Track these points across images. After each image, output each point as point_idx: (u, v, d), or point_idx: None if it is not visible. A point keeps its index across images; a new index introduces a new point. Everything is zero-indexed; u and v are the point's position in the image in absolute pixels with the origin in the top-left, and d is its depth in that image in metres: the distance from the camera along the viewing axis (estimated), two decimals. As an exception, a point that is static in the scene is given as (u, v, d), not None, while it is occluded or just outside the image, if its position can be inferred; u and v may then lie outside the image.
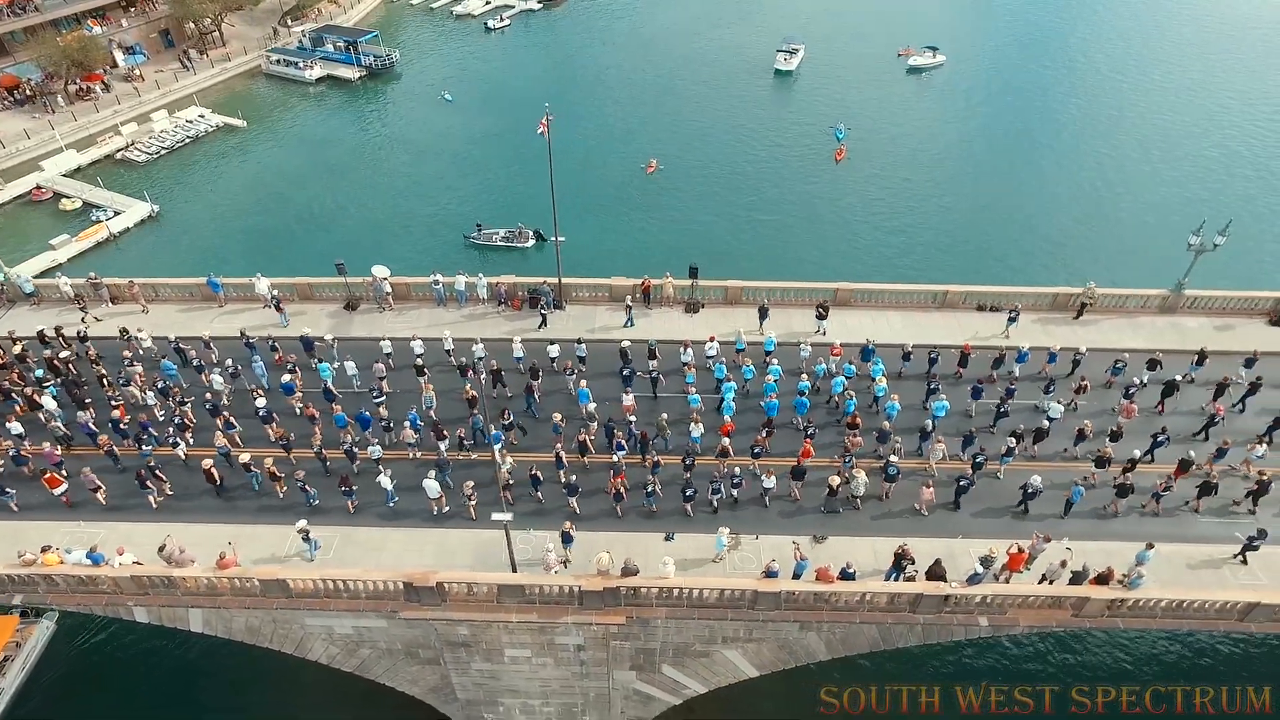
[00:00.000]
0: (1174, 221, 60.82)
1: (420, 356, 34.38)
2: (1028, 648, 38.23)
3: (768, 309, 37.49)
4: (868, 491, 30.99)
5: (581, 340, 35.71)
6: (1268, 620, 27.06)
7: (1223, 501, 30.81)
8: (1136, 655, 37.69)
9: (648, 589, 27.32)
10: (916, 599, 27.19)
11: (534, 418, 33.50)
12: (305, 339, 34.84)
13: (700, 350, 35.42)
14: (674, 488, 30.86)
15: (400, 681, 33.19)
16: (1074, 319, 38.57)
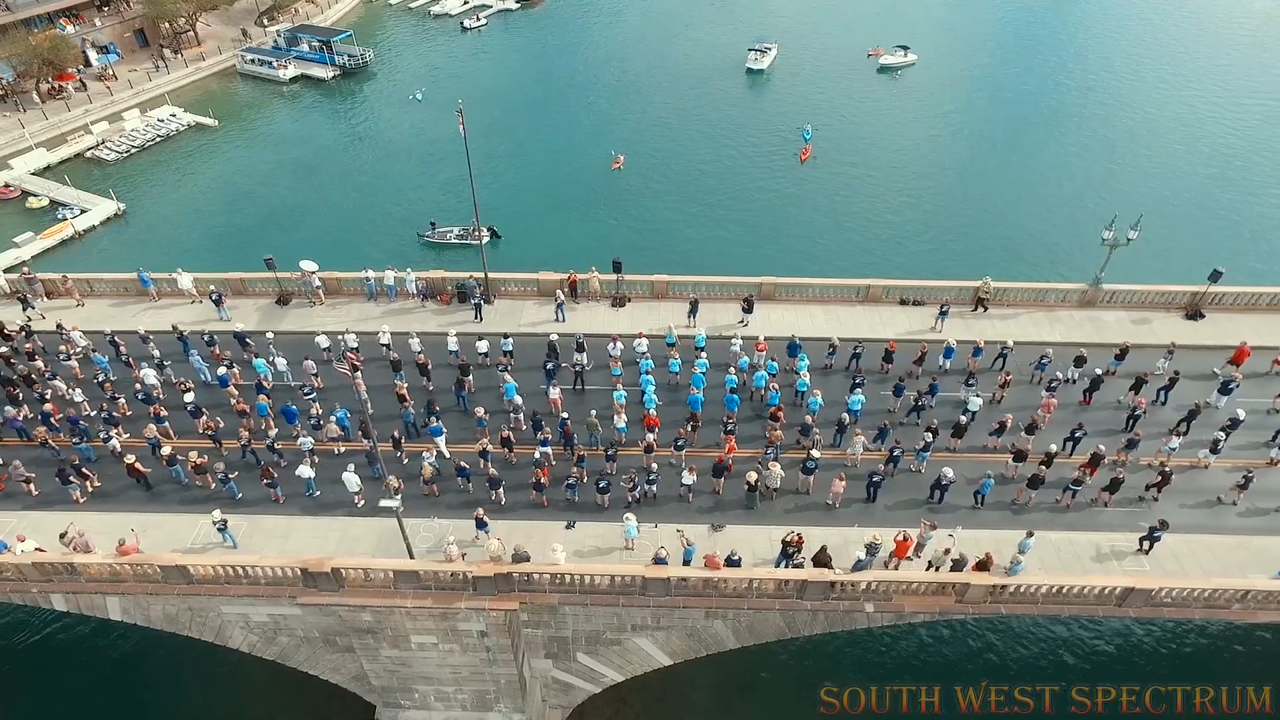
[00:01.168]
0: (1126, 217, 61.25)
1: (353, 351, 34.92)
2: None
3: (698, 303, 37.95)
4: (786, 485, 31.38)
5: (508, 335, 36.23)
6: (1144, 605, 27.58)
7: (1130, 493, 31.21)
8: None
9: (540, 575, 27.79)
10: (802, 585, 27.73)
11: (463, 411, 33.85)
12: (239, 335, 35.43)
13: (630, 345, 35.87)
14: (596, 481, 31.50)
15: (323, 670, 33.75)
16: (971, 313, 38.94)
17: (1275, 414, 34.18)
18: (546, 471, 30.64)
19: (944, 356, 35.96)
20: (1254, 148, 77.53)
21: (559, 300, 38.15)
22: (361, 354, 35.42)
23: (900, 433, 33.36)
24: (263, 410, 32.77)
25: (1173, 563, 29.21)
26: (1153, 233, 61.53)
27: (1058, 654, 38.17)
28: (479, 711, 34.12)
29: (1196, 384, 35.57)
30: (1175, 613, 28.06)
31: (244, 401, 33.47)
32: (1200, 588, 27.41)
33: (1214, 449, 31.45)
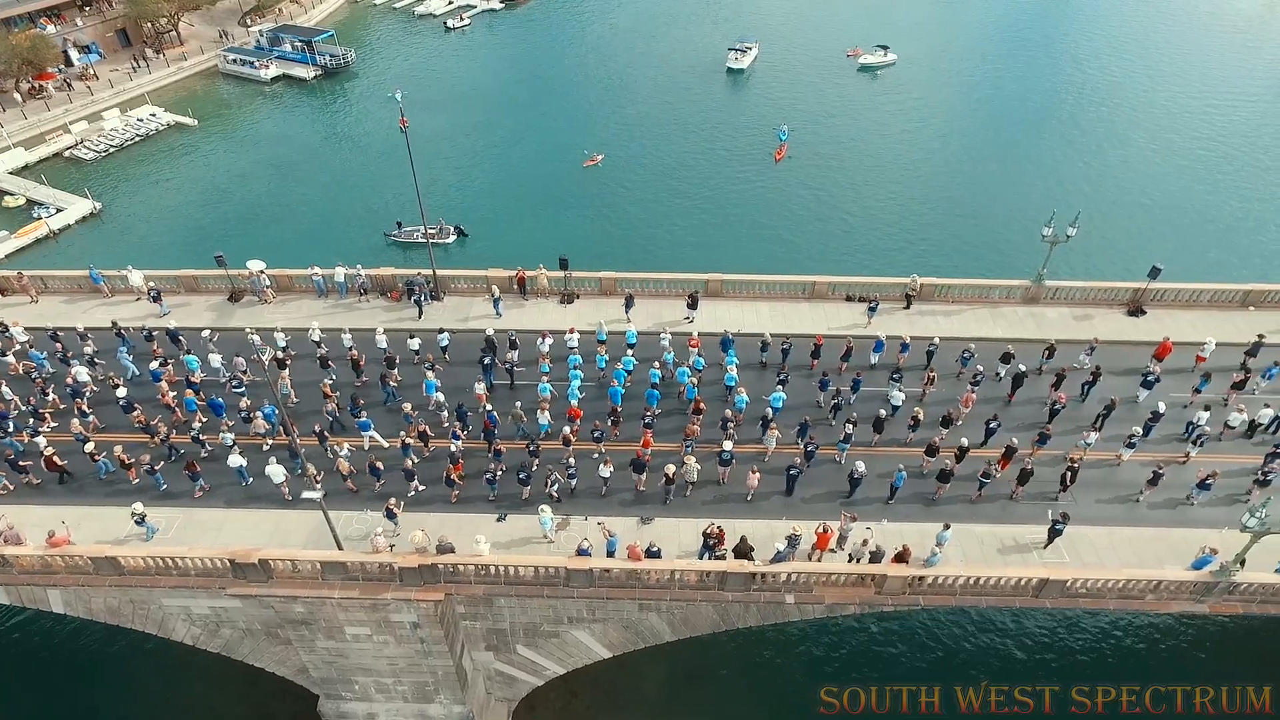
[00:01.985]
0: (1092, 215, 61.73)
1: (284, 348, 35.36)
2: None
3: (633, 299, 38.38)
4: (703, 477, 31.75)
5: (443, 330, 36.65)
6: (1060, 596, 27.96)
7: (1047, 487, 31.57)
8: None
9: (464, 566, 28.22)
10: (723, 577, 28.11)
11: (388, 407, 34.30)
12: (172, 331, 35.89)
13: (560, 340, 36.28)
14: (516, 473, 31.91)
15: (267, 662, 34.20)
16: (904, 309, 39.31)
17: (1190, 408, 34.34)
18: (460, 466, 30.98)
19: (874, 352, 36.20)
20: (1225, 148, 78.00)
21: (495, 296, 38.44)
22: (293, 350, 35.84)
23: (822, 428, 33.70)
24: (190, 405, 33.20)
25: (1092, 555, 29.62)
26: (1115, 229, 62.52)
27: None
28: (419, 703, 34.52)
29: (1128, 379, 35.78)
30: (1090, 603, 28.42)
31: (173, 397, 33.81)
32: (1114, 579, 27.80)
33: (1129, 444, 31.72)
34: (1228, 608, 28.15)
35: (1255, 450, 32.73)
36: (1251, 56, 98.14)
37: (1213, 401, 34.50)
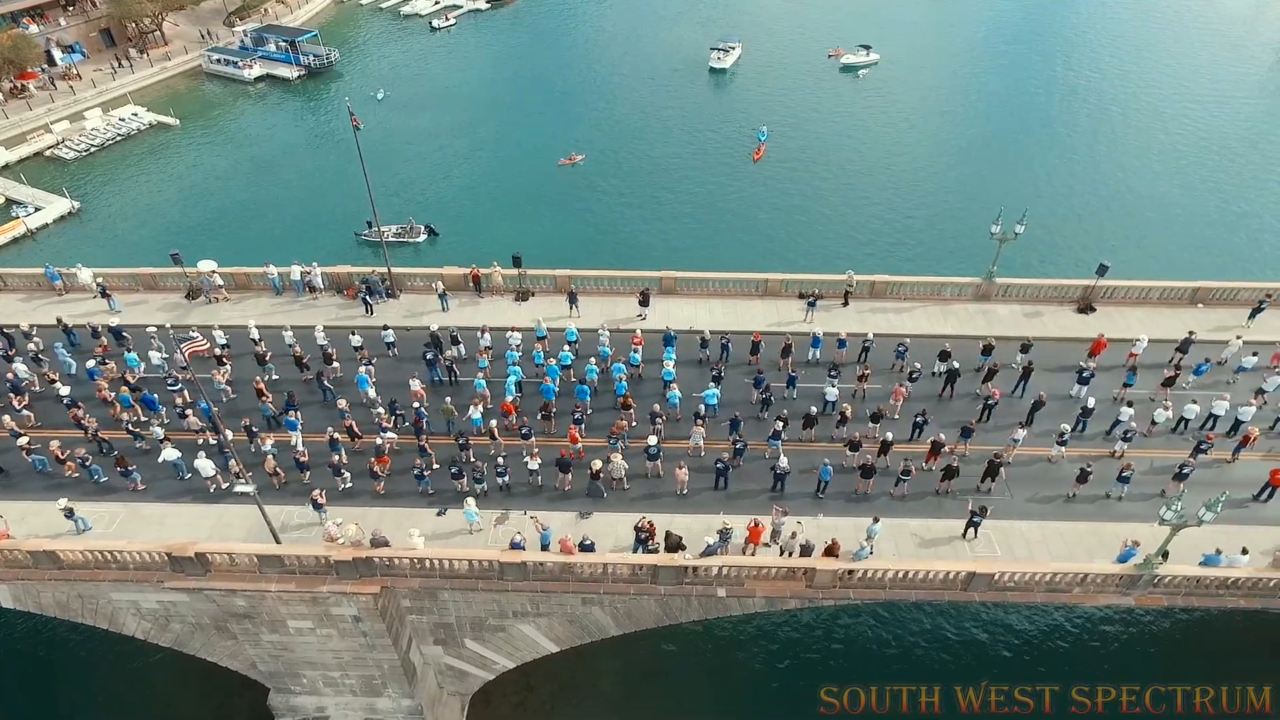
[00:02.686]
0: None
1: (225, 346, 35.97)
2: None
3: (576, 296, 38.66)
4: (638, 472, 32.03)
5: (388, 327, 36.94)
6: (989, 589, 28.22)
7: (974, 482, 31.85)
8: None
9: (399, 559, 28.53)
10: (655, 571, 28.41)
11: (324, 404, 34.65)
12: (115, 329, 36.25)
13: (502, 336, 36.65)
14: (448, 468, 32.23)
15: (220, 656, 34.48)
16: (842, 306, 39.56)
17: (1116, 403, 34.65)
18: (386, 460, 31.38)
19: (812, 347, 36.45)
20: (1193, 148, 78.43)
21: (440, 291, 38.74)
22: (233, 349, 36.40)
23: (754, 423, 33.95)
24: (126, 401, 33.54)
25: (1023, 549, 29.88)
26: (1088, 226, 62.78)
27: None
28: (368, 696, 34.84)
29: (1068, 376, 36.01)
30: (1019, 597, 28.70)
31: (110, 394, 34.24)
32: (1041, 572, 28.04)
33: (1060, 440, 31.94)
34: (1153, 600, 28.40)
35: (1185, 445, 32.88)
36: (1227, 55, 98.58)
37: (1144, 398, 34.75)
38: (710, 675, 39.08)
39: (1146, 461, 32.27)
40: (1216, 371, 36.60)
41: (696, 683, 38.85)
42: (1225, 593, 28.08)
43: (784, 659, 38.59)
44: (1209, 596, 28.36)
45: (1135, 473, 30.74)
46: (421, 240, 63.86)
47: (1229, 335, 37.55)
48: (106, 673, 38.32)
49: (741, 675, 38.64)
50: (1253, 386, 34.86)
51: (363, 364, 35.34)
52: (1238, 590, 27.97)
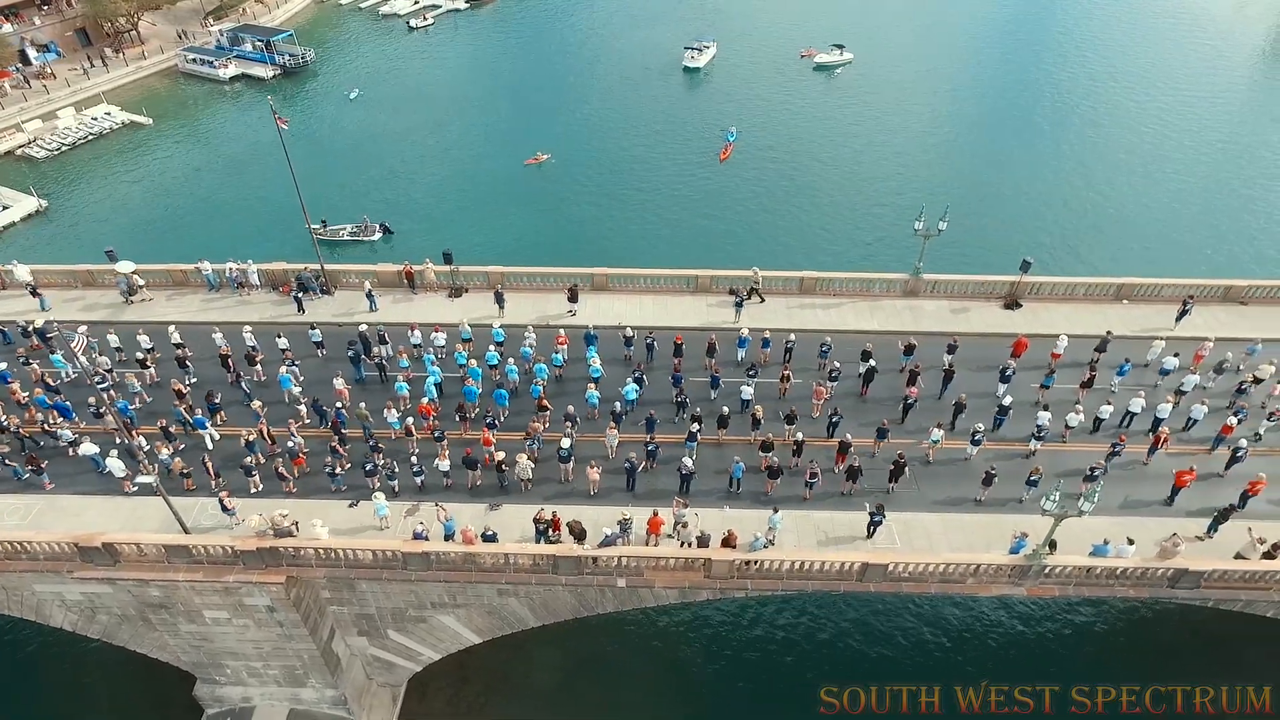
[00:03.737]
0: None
1: (150, 350, 36.37)
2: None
3: (503, 294, 39.06)
4: (548, 474, 32.56)
5: (315, 326, 37.39)
6: (883, 580, 28.64)
7: (878, 481, 32.25)
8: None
9: (304, 549, 28.99)
10: (555, 561, 28.86)
11: (244, 404, 35.04)
12: (40, 329, 36.67)
13: (426, 337, 37.15)
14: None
15: (149, 648, 34.89)
16: (760, 302, 39.89)
17: (1038, 405, 35.00)
18: (301, 460, 31.77)
19: (739, 347, 36.67)
20: (1159, 146, 79.12)
21: (368, 290, 39.19)
22: (159, 352, 36.84)
23: (673, 425, 34.25)
24: (42, 403, 33.96)
25: (923, 540, 30.27)
26: (1046, 223, 63.17)
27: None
28: (292, 687, 35.34)
29: (991, 374, 36.30)
30: (914, 588, 29.08)
31: (19, 393, 34.65)
32: (934, 563, 28.45)
33: (974, 440, 32.30)
34: (1045, 590, 28.80)
35: (1104, 443, 33.31)
36: (1176, 57, 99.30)
37: (1068, 397, 35.08)
38: (647, 668, 39.51)
39: (1063, 461, 32.54)
40: (1141, 373, 36.82)
41: (632, 675, 39.25)
42: (1115, 582, 28.49)
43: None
44: (1099, 586, 28.77)
45: (1044, 475, 30.89)
46: (377, 238, 64.37)
47: (1155, 330, 38.19)
48: (44, 666, 38.73)
49: (584, 655, 39.48)
50: (1174, 387, 35.28)
51: (285, 364, 35.53)
52: (1126, 580, 28.38)
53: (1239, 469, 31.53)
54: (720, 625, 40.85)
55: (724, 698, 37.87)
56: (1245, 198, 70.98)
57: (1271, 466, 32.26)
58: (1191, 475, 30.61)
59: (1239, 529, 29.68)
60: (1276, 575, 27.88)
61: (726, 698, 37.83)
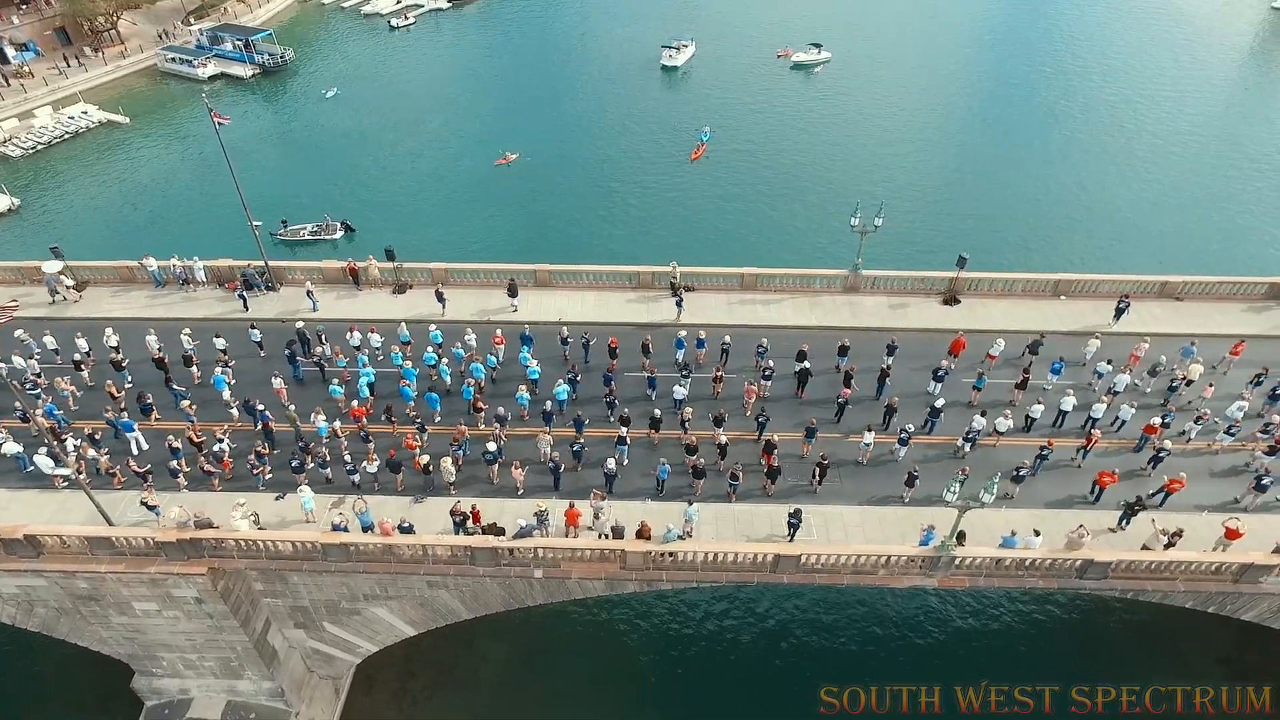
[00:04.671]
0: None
1: (88, 354, 36.78)
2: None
3: (443, 294, 39.37)
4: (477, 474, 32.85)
5: (254, 325, 37.72)
6: (796, 571, 28.94)
7: (794, 483, 32.60)
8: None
9: (225, 541, 29.33)
10: (472, 552, 29.20)
11: (174, 406, 35.30)
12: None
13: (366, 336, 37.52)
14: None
15: (90, 641, 35.10)
16: (672, 298, 40.16)
17: (970, 406, 35.30)
18: (227, 463, 32.13)
19: (677, 348, 36.76)
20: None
21: (308, 289, 39.53)
22: (95, 356, 37.17)
23: (601, 423, 34.48)
24: None
25: (840, 533, 30.55)
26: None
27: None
28: (228, 679, 35.68)
29: (927, 371, 36.58)
30: (827, 579, 29.37)
31: None
32: (846, 554, 28.74)
33: (902, 439, 32.53)
34: (955, 581, 29.07)
35: (1035, 440, 33.55)
36: (1138, 53, 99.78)
37: (1000, 399, 35.45)
38: (594, 661, 39.92)
39: (995, 460, 32.73)
40: (1079, 370, 37.08)
41: (580, 668, 39.62)
42: (1025, 574, 28.76)
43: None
44: (1009, 578, 29.04)
45: (970, 475, 31.04)
46: (338, 237, 64.73)
47: (1093, 327, 38.52)
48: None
49: (531, 649, 39.89)
50: (1108, 386, 35.56)
51: (219, 365, 35.85)
52: (1036, 571, 28.65)
53: (1162, 468, 31.67)
54: (686, 620, 41.33)
55: (606, 682, 38.50)
56: (1187, 193, 71.79)
57: (1201, 465, 32.88)
58: (1113, 478, 30.81)
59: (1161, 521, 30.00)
60: (1180, 565, 28.10)
61: (609, 682, 38.46)
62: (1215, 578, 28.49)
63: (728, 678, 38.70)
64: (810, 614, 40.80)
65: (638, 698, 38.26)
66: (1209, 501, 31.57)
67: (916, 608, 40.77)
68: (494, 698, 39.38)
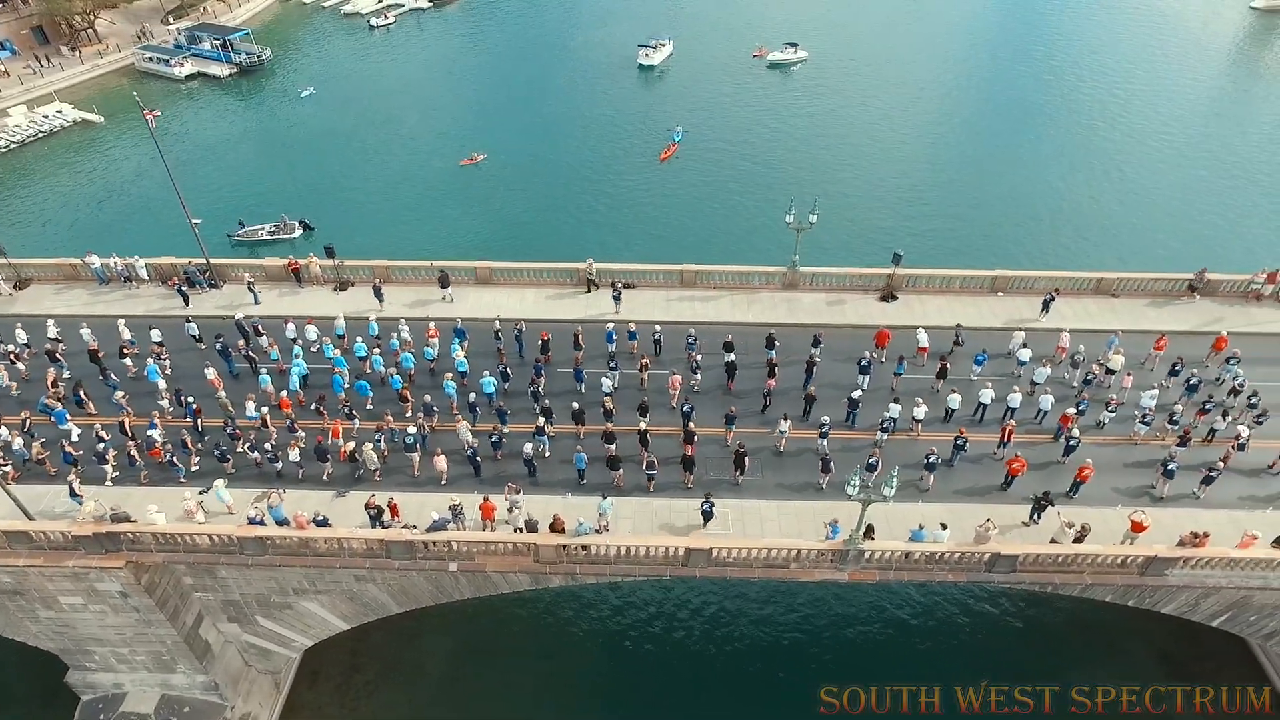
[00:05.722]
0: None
1: (26, 345, 37.13)
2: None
3: (380, 289, 39.65)
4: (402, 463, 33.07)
5: (190, 320, 37.98)
6: (708, 565, 29.13)
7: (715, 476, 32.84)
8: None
9: (141, 534, 29.54)
10: (388, 546, 29.41)
11: (109, 400, 35.50)
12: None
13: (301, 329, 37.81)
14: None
15: (24, 635, 35.35)
16: (584, 294, 40.50)
17: (892, 393, 35.48)
18: (157, 451, 32.26)
19: (607, 342, 36.98)
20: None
21: (249, 283, 39.80)
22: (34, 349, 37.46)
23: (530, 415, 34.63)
24: None
25: (756, 527, 30.71)
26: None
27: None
28: (161, 673, 35.89)
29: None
30: (738, 573, 29.56)
31: None
32: (757, 548, 28.92)
33: (822, 432, 32.70)
34: (866, 575, 29.26)
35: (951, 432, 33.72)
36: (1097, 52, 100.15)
37: (923, 390, 35.50)
38: (538, 656, 40.17)
39: (914, 451, 32.87)
40: (1005, 362, 37.26)
41: (523, 664, 39.86)
42: (934, 567, 28.95)
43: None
44: (919, 571, 29.23)
45: (880, 465, 31.24)
46: (297, 236, 64.99)
47: (1024, 322, 38.82)
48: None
49: (478, 644, 40.09)
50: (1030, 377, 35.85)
51: (153, 357, 36.09)
52: (945, 565, 28.82)
53: (1074, 458, 31.86)
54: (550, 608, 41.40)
55: (550, 678, 38.81)
56: (1134, 191, 72.31)
57: (1119, 456, 33.13)
58: (1022, 465, 31.02)
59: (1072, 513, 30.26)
60: (1086, 558, 28.26)
61: (552, 678, 38.79)
62: (1122, 570, 28.64)
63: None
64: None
65: (590, 696, 38.56)
66: (1127, 492, 31.63)
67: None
68: (439, 692, 39.67)
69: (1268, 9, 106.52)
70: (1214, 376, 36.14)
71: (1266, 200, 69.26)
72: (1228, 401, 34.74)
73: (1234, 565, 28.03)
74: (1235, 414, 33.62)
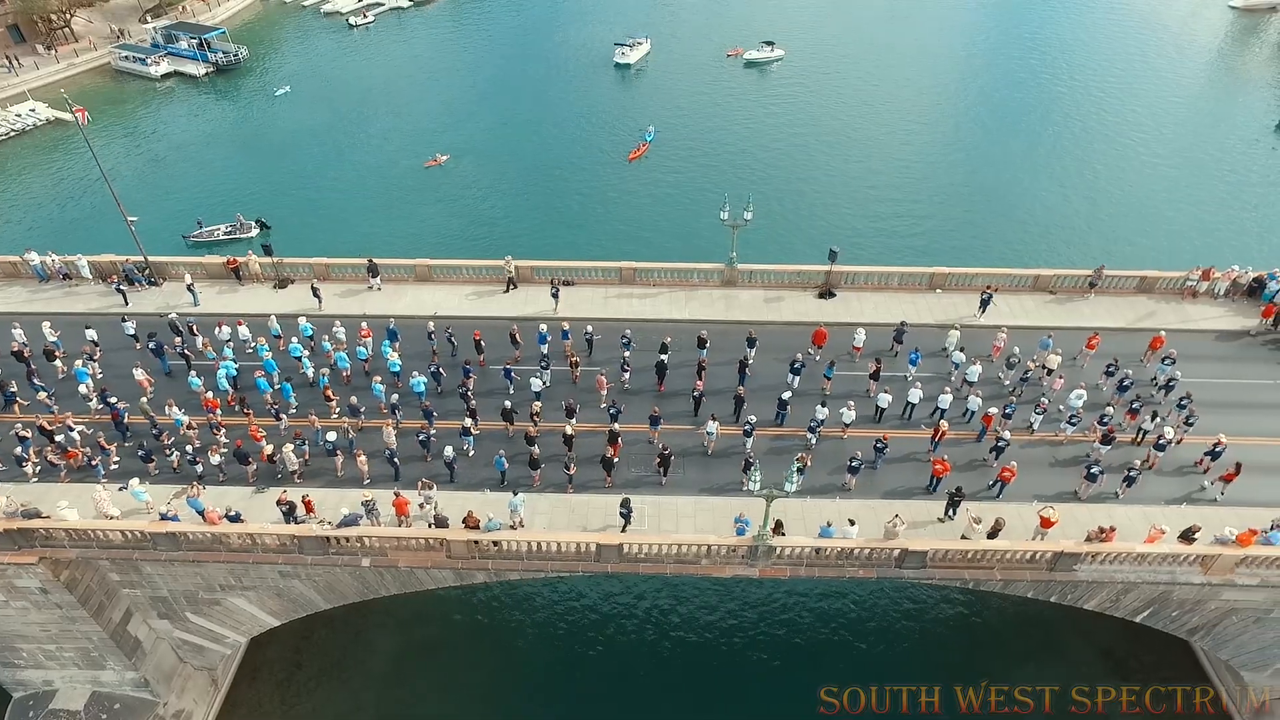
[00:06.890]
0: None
1: None
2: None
3: (318, 289, 39.64)
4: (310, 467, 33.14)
5: (125, 319, 37.97)
6: (619, 561, 29.11)
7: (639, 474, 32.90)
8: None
9: (55, 531, 29.53)
10: (300, 542, 29.41)
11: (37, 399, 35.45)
12: None
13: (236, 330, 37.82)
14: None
15: (-42, 634, 35.42)
16: (503, 293, 40.53)
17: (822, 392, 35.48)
18: (72, 454, 32.31)
19: (539, 343, 36.82)
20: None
21: (189, 283, 39.81)
22: None
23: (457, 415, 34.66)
24: None
25: (672, 524, 30.65)
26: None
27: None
28: (91, 670, 35.82)
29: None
30: (651, 569, 29.52)
31: None
32: (668, 544, 28.89)
33: (746, 431, 32.64)
34: (776, 571, 29.24)
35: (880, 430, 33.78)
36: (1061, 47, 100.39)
37: (857, 390, 35.53)
38: (485, 653, 40.21)
39: (844, 450, 32.80)
40: (940, 361, 37.19)
41: (470, 660, 40.00)
42: (845, 563, 28.90)
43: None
44: (830, 567, 29.18)
45: (809, 465, 31.38)
46: (254, 235, 64.91)
47: (961, 319, 38.81)
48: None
49: (422, 642, 40.01)
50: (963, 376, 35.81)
51: (83, 358, 36.08)
52: (856, 561, 28.76)
53: (1003, 458, 31.82)
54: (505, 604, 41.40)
55: (494, 675, 38.78)
56: (1081, 190, 72.30)
57: (1045, 456, 33.21)
58: (946, 467, 30.94)
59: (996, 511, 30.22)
60: (995, 554, 28.21)
61: (457, 668, 38.84)
62: (1031, 566, 28.59)
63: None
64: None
65: (543, 694, 38.61)
66: (1050, 492, 31.59)
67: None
68: (383, 689, 39.55)
69: (1246, 8, 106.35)
70: (1149, 376, 35.92)
71: (1237, 198, 69.12)
72: (1156, 397, 34.60)
73: (1141, 560, 27.96)
74: (1163, 413, 33.43)
